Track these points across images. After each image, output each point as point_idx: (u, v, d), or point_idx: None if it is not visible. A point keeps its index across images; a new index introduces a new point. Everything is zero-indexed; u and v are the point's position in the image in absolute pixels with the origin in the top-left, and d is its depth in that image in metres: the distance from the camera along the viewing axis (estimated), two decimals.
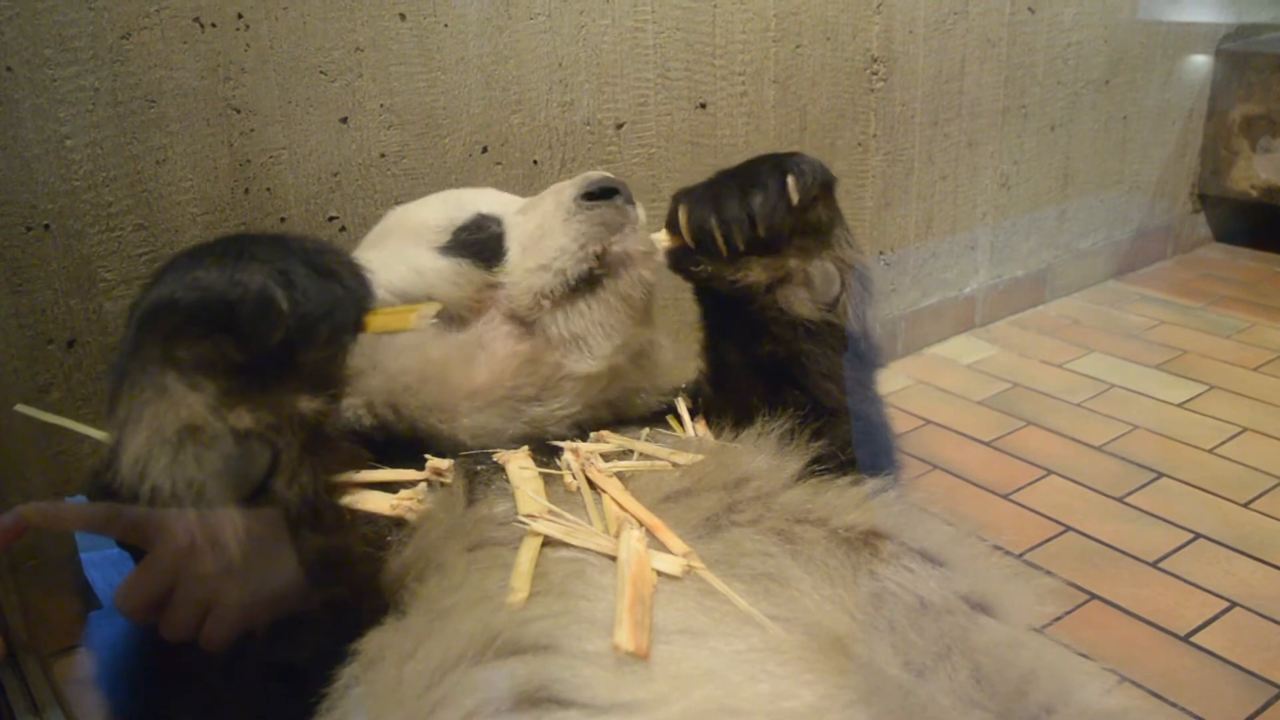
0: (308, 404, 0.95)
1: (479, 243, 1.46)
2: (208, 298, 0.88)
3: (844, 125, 2.80)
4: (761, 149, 2.68)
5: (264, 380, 0.91)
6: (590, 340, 1.39)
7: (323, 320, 0.92)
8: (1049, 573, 2.02)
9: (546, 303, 1.39)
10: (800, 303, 1.36)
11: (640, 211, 1.46)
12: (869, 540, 1.13)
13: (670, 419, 1.47)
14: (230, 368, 0.89)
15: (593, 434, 1.37)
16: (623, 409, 1.45)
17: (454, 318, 1.41)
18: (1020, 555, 2.13)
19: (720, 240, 1.33)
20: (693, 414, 1.48)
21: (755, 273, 1.35)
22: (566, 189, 1.45)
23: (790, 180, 1.32)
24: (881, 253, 3.03)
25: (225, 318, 0.88)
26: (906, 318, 3.17)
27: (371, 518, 1.17)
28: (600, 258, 1.39)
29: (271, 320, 0.89)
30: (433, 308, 1.11)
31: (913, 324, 3.19)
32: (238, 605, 0.95)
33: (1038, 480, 2.45)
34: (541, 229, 1.43)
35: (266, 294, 0.89)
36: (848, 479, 1.23)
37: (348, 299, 0.95)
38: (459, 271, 1.42)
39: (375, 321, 1.02)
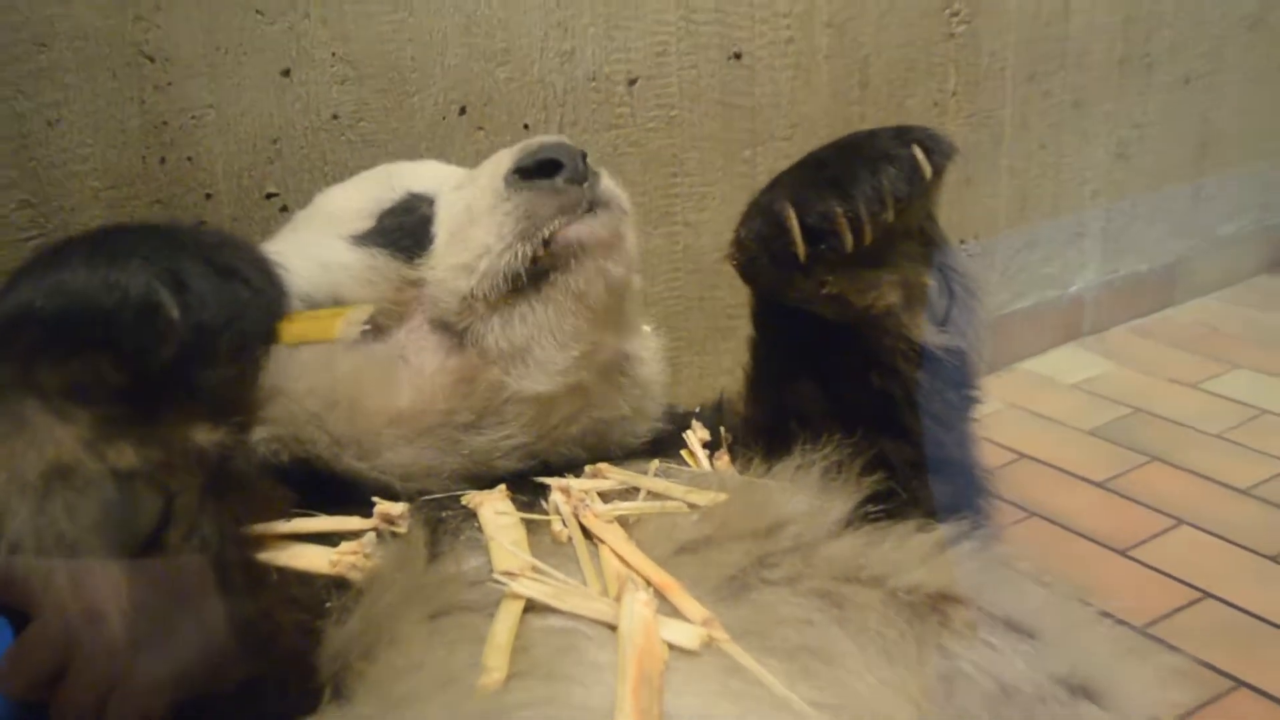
0: (208, 436, 0.95)
1: (401, 229, 1.46)
2: (77, 306, 0.87)
3: (915, 80, 2.79)
4: (812, 112, 2.69)
5: (152, 407, 0.91)
6: (537, 352, 1.38)
7: (224, 330, 0.92)
8: (1177, 649, 1.99)
9: (480, 306, 1.38)
10: (922, 324, 1.36)
11: (611, 186, 1.45)
12: (938, 605, 1.12)
13: (684, 453, 1.47)
14: (109, 393, 0.88)
15: (588, 468, 1.37)
16: (598, 443, 1.44)
17: (371, 324, 1.39)
18: (1142, 628, 2.11)
19: (847, 231, 1.28)
20: (710, 447, 1.48)
21: (888, 292, 1.34)
22: (504, 159, 1.44)
23: (918, 151, 1.31)
24: (963, 241, 3.02)
25: (100, 330, 0.87)
26: (994, 324, 3.16)
27: (306, 578, 1.17)
28: (546, 245, 1.37)
29: (158, 332, 0.88)
30: (363, 311, 1.11)
31: (1003, 332, 3.18)
32: (146, 686, 0.95)
33: (1165, 532, 2.43)
34: (470, 212, 1.42)
35: (152, 299, 0.88)
36: (911, 525, 1.23)
37: (255, 304, 0.95)
38: (372, 266, 1.42)
39: (291, 330, 1.02)
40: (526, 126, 2.24)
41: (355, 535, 1.23)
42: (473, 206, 1.42)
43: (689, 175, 2.47)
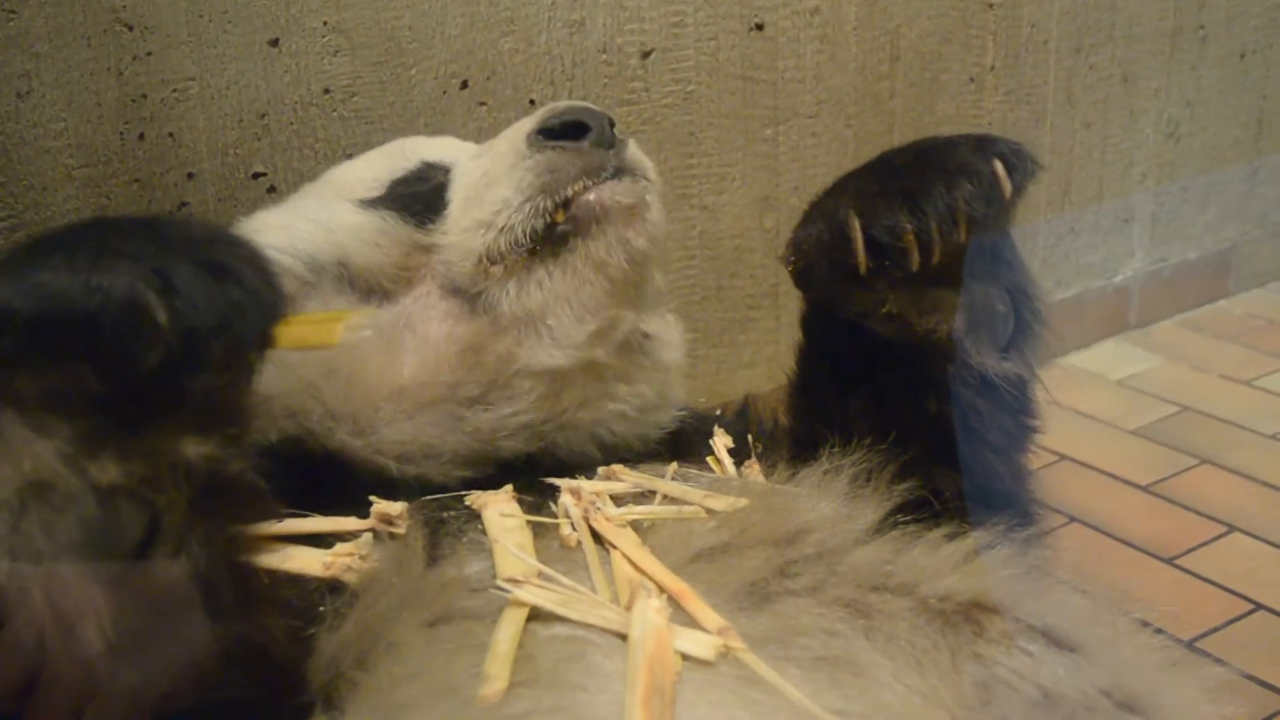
0: (197, 448, 0.95)
1: (414, 195, 1.47)
2: (56, 310, 0.86)
3: (951, 54, 2.78)
4: (839, 87, 2.69)
5: (137, 418, 0.91)
6: (553, 321, 1.39)
7: (215, 336, 0.90)
8: (1226, 663, 1.99)
9: (496, 269, 1.39)
10: (980, 347, 1.37)
11: (638, 154, 1.47)
12: (971, 614, 1.12)
13: (710, 460, 1.47)
14: (90, 403, 0.88)
15: (601, 469, 1.37)
16: (611, 435, 1.45)
17: (375, 290, 1.41)
18: (1189, 641, 2.11)
19: (915, 250, 1.27)
20: (737, 455, 1.48)
21: (951, 316, 1.34)
22: (526, 123, 1.46)
23: (998, 166, 1.29)
24: None
25: (81, 336, 0.87)
26: None
27: (298, 581, 1.17)
28: (565, 208, 1.39)
29: (144, 338, 0.87)
30: (365, 316, 1.11)
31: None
32: (123, 699, 0.96)
33: (1216, 539, 2.42)
34: (488, 176, 1.44)
35: (137, 302, 0.87)
36: (942, 531, 1.23)
37: (249, 306, 0.94)
38: (380, 229, 1.43)
39: (289, 334, 1.02)
40: (532, 102, 2.24)
41: (351, 536, 1.23)
42: (491, 170, 1.44)
43: (707, 155, 2.47)
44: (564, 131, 1.41)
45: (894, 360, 1.38)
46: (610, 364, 1.43)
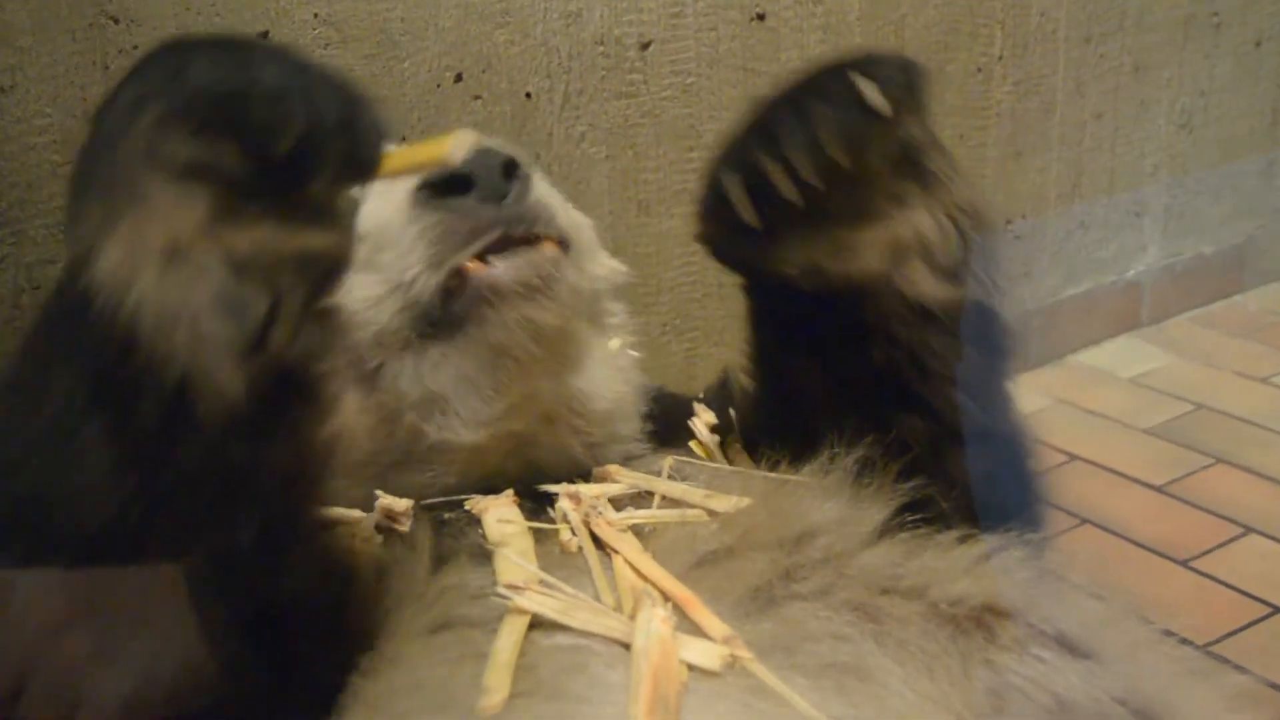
0: (315, 245, 1.01)
1: None
2: (208, 84, 0.95)
3: (957, 44, 2.78)
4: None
5: (268, 203, 0.98)
6: (456, 402, 1.33)
7: (341, 133, 0.98)
8: (1244, 670, 1.96)
9: (393, 344, 1.32)
10: (923, 280, 1.31)
11: (548, 203, 1.37)
12: (983, 619, 1.12)
13: (693, 444, 1.46)
14: (228, 179, 0.96)
15: (595, 470, 1.36)
16: (568, 463, 1.40)
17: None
18: (1205, 646, 2.11)
19: (785, 183, 1.23)
20: (720, 431, 1.47)
21: (869, 255, 1.30)
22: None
23: (862, 83, 1.24)
24: (1009, 221, 3.02)
25: (229, 110, 0.95)
26: (1044, 312, 3.16)
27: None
28: (460, 279, 1.29)
29: (282, 118, 0.95)
30: (469, 135, 1.11)
31: (1053, 321, 3.18)
32: (115, 707, 0.97)
33: (1232, 541, 2.42)
34: (380, 236, 1.34)
35: (282, 89, 0.96)
36: (954, 534, 1.23)
37: (367, 121, 1.01)
38: None
39: (395, 159, 1.07)
40: (529, 95, 2.24)
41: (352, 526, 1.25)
42: (383, 229, 1.34)
43: (707, 149, 2.47)
44: (449, 186, 1.30)
45: (827, 312, 1.33)
46: (533, 431, 1.37)
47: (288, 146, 0.95)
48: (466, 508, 1.29)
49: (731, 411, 1.51)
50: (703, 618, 1.09)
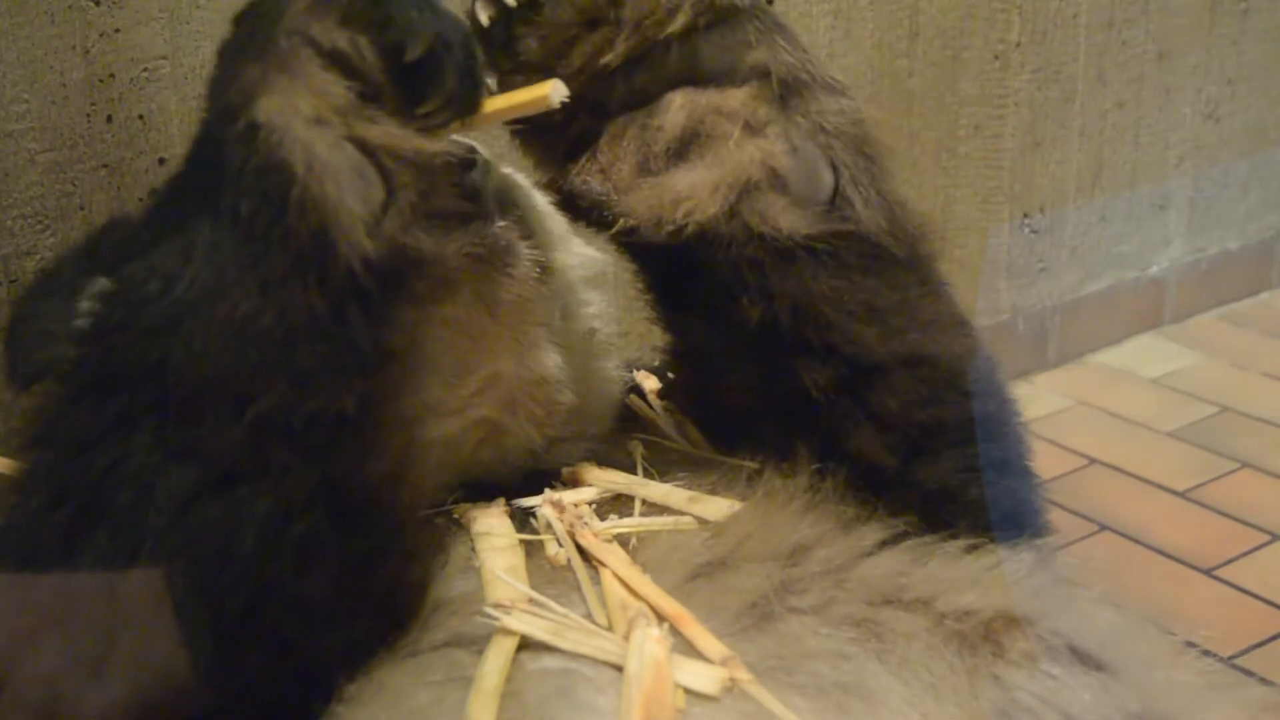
0: (428, 149, 1.10)
1: None
2: None
3: (974, 29, 2.77)
4: (853, 65, 2.67)
5: (392, 102, 1.10)
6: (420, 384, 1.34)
7: (459, 56, 1.10)
8: (1269, 682, 1.99)
9: None
10: (781, 214, 1.25)
11: (502, 177, 1.39)
12: (991, 633, 1.11)
13: (633, 398, 1.46)
14: (362, 75, 1.08)
15: (565, 471, 1.34)
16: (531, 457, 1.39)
17: None
18: (1228, 658, 2.10)
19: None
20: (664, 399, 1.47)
21: (695, 200, 1.24)
22: None
23: None
24: (1027, 215, 3.01)
25: (372, 10, 1.08)
26: (1063, 310, 3.15)
27: None
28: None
29: (417, 28, 1.08)
30: (563, 85, 1.20)
31: (1072, 319, 3.17)
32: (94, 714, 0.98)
33: (1259, 548, 2.41)
34: None
35: (419, 5, 1.09)
36: (960, 544, 1.22)
37: (479, 56, 1.14)
38: None
39: (496, 102, 1.20)
40: None
41: None
42: None
43: None
44: None
45: (686, 267, 1.30)
46: (500, 419, 1.35)
47: (415, 54, 1.08)
48: (455, 516, 1.28)
49: (669, 375, 1.51)
50: (698, 636, 1.08)
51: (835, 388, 1.28)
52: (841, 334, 1.28)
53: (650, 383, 1.52)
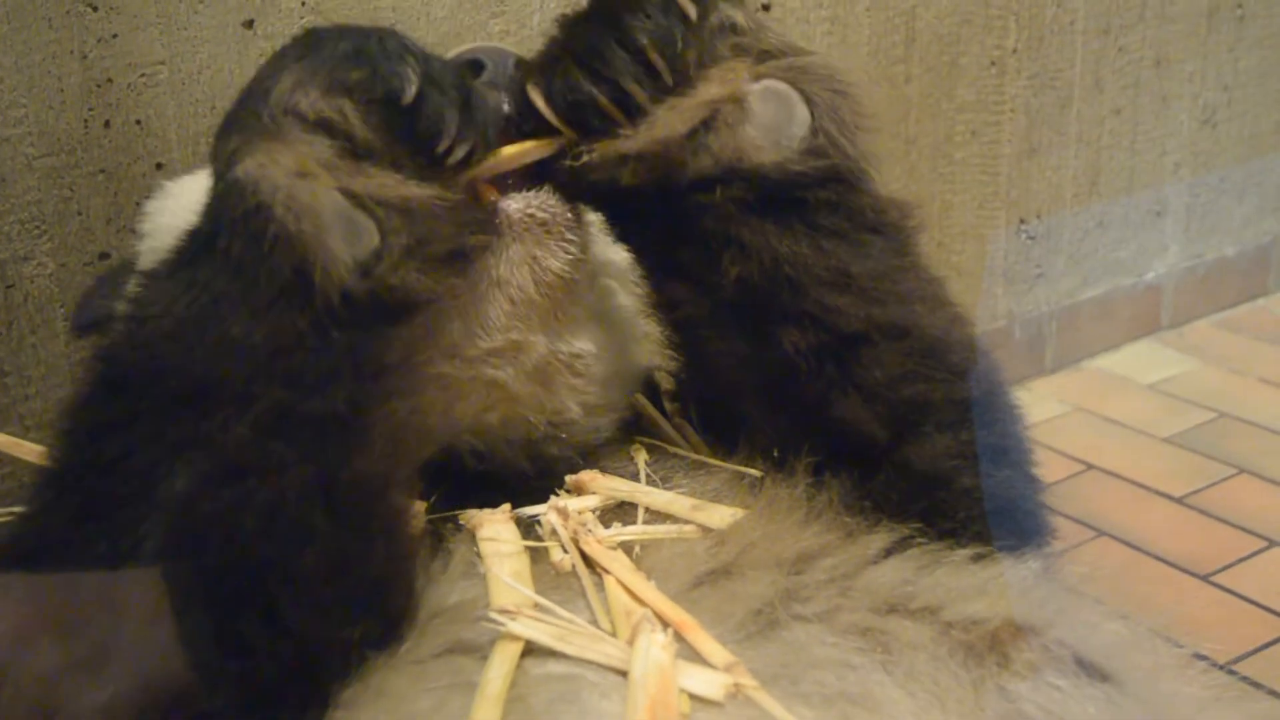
0: (421, 196, 1.14)
1: None
2: (337, 62, 1.15)
3: (970, 35, 2.77)
4: (850, 71, 2.66)
5: (381, 155, 1.14)
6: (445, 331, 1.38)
7: (451, 91, 1.17)
8: (1270, 691, 1.99)
9: None
10: (750, 146, 1.24)
11: None
12: (997, 642, 1.11)
13: (638, 396, 1.46)
14: (349, 134, 1.13)
15: (569, 479, 1.34)
16: (538, 447, 1.40)
17: None
18: (1228, 664, 2.09)
19: (610, 106, 1.24)
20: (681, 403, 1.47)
21: (666, 122, 1.24)
22: None
23: None
24: (1023, 221, 3.01)
25: (351, 75, 1.14)
26: (1059, 315, 3.15)
27: None
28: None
29: (406, 75, 1.14)
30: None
31: (1069, 325, 3.17)
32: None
33: (1255, 554, 2.41)
34: None
35: (400, 58, 1.16)
36: (967, 552, 1.21)
37: (485, 104, 1.22)
38: None
39: (509, 151, 1.26)
40: None
41: None
42: None
43: None
44: None
45: (689, 220, 1.29)
46: (517, 386, 1.35)
47: (409, 97, 1.13)
48: (460, 521, 1.28)
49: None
50: (703, 643, 1.08)
51: (817, 354, 1.28)
52: (815, 300, 1.27)
53: (667, 385, 1.52)
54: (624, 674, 1.04)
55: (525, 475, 1.36)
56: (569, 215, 1.33)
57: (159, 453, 1.10)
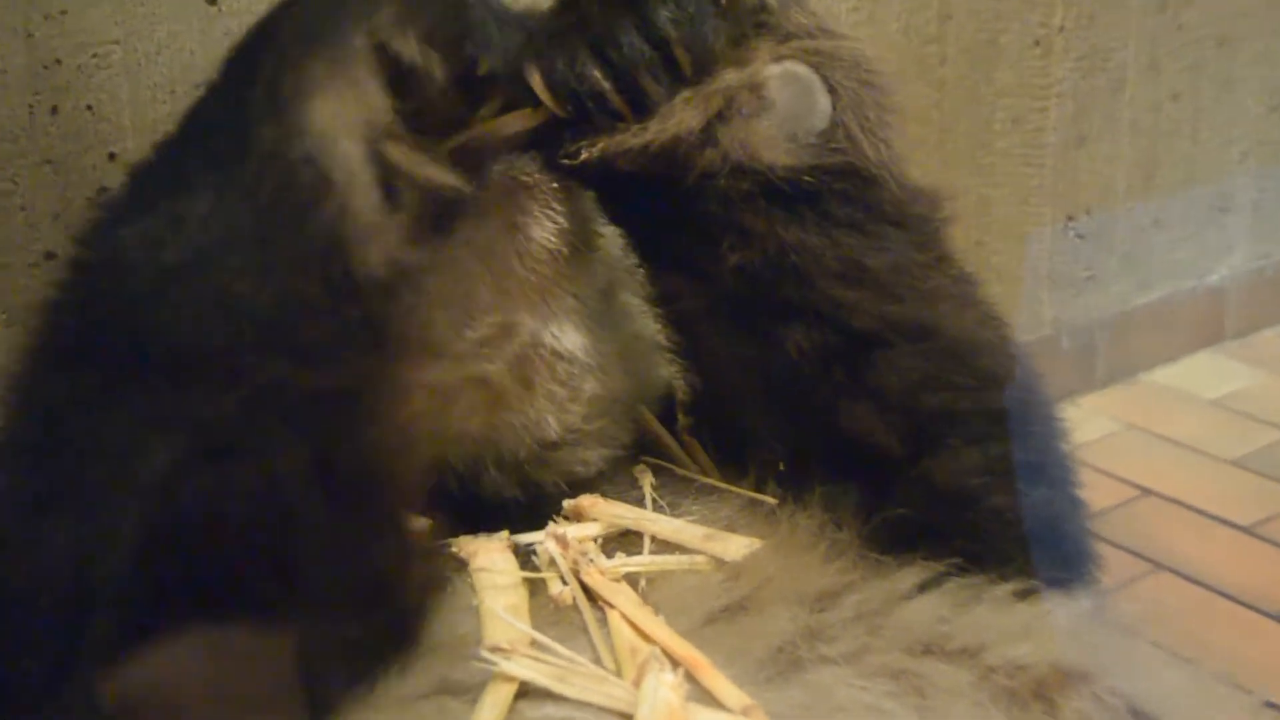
0: (437, 175, 1.15)
1: None
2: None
3: (1011, 12, 2.78)
4: (879, 52, 2.66)
5: (425, 130, 1.17)
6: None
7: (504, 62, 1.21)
8: None
9: None
10: (764, 142, 1.26)
11: None
12: (1043, 690, 1.11)
13: (643, 410, 1.47)
14: (416, 94, 1.14)
15: (567, 504, 1.34)
16: (525, 470, 1.40)
17: None
18: None
19: (621, 104, 1.24)
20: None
21: (680, 115, 1.25)
22: None
23: None
24: (1071, 218, 3.02)
25: (456, 26, 1.17)
26: (1112, 323, 3.16)
27: None
28: None
29: (494, 48, 1.19)
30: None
31: (1122, 333, 3.18)
32: None
33: None
34: None
35: (492, 22, 1.20)
36: (1009, 587, 1.21)
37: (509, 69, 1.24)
38: None
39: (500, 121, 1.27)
40: None
41: None
42: None
43: None
44: None
45: (694, 209, 1.30)
46: (502, 382, 1.35)
47: (483, 70, 1.18)
48: (454, 550, 1.29)
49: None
50: (717, 684, 1.08)
51: (824, 356, 1.28)
52: (823, 295, 1.28)
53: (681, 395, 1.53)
54: (629, 718, 1.04)
55: (517, 501, 1.36)
56: (554, 185, 1.33)
57: (133, 428, 1.08)
